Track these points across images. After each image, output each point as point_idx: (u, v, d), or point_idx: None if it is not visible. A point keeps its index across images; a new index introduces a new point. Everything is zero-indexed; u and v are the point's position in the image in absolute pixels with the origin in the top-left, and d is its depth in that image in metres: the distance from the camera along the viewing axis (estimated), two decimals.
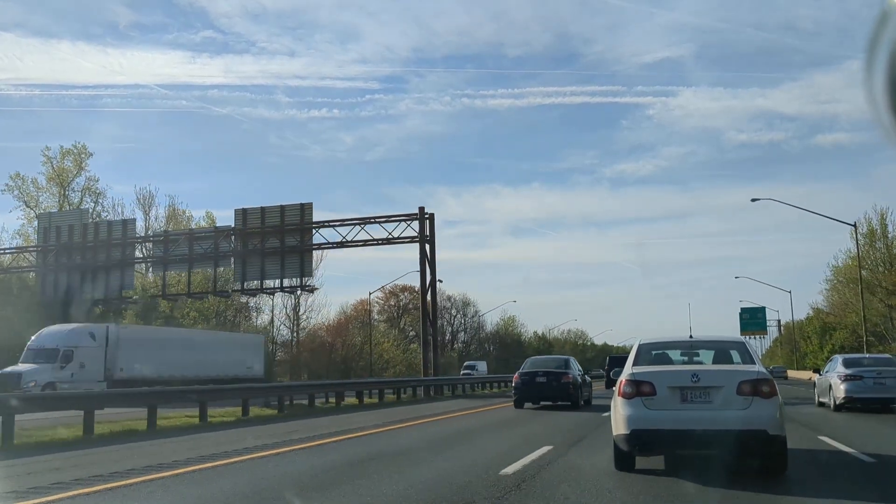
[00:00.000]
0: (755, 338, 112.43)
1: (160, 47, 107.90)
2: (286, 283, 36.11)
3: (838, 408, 19.72)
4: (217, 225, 40.27)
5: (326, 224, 34.99)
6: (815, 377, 23.96)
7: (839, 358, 21.92)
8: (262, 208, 35.62)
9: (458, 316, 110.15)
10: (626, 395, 8.60)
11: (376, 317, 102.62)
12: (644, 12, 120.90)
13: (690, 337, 10.27)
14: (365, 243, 35.10)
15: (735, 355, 9.75)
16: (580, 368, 25.24)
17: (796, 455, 9.67)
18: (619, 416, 8.63)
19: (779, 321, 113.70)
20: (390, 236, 34.13)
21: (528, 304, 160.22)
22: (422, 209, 33.69)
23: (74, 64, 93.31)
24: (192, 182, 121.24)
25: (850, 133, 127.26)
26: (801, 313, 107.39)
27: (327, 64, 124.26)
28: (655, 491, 7.72)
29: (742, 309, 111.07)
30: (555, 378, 22.76)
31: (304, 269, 34.85)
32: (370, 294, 68.21)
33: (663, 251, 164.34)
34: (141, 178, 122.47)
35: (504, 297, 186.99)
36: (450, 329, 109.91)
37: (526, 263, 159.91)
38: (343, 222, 34.98)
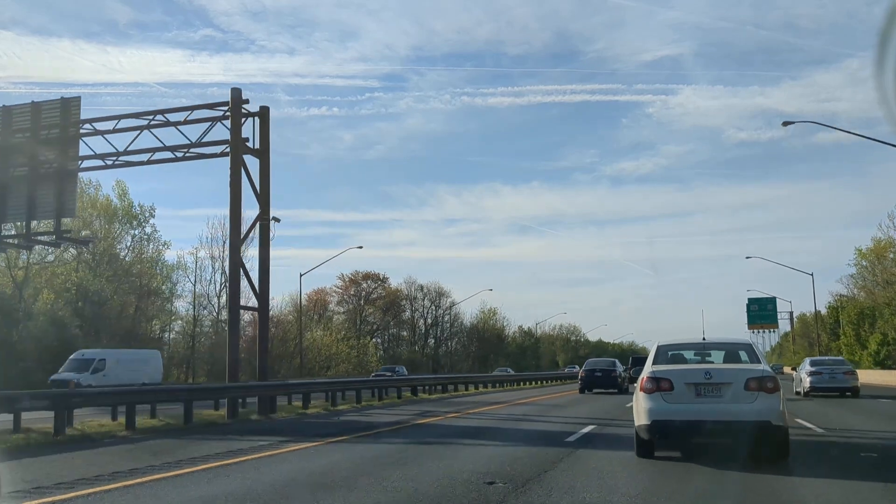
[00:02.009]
0: (764, 332, 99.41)
1: (160, 45, 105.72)
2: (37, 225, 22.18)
3: (806, 395, 26.75)
4: None
5: (91, 125, 20.79)
6: (794, 373, 30.81)
7: (808, 360, 30.36)
8: (5, 109, 21.63)
9: (431, 308, 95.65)
10: (647, 391, 9.49)
11: (335, 308, 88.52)
12: (644, 10, 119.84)
13: (703, 339, 10.98)
14: (152, 155, 20.89)
15: (743, 355, 10.49)
16: (622, 366, 35.18)
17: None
18: (641, 408, 9.53)
19: (791, 313, 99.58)
20: (192, 143, 19.93)
21: (526, 301, 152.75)
22: (237, 93, 19.30)
23: (74, 62, 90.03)
24: (191, 180, 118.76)
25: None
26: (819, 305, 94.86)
27: (327, 62, 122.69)
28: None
29: (749, 300, 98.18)
30: (607, 374, 32.59)
31: (65, 204, 20.71)
32: (301, 276, 53.68)
33: (664, 249, 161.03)
34: (140, 177, 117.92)
35: (505, 296, 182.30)
36: (423, 322, 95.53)
37: (526, 262, 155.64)
38: (117, 125, 20.76)
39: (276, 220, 18.66)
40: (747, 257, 66.08)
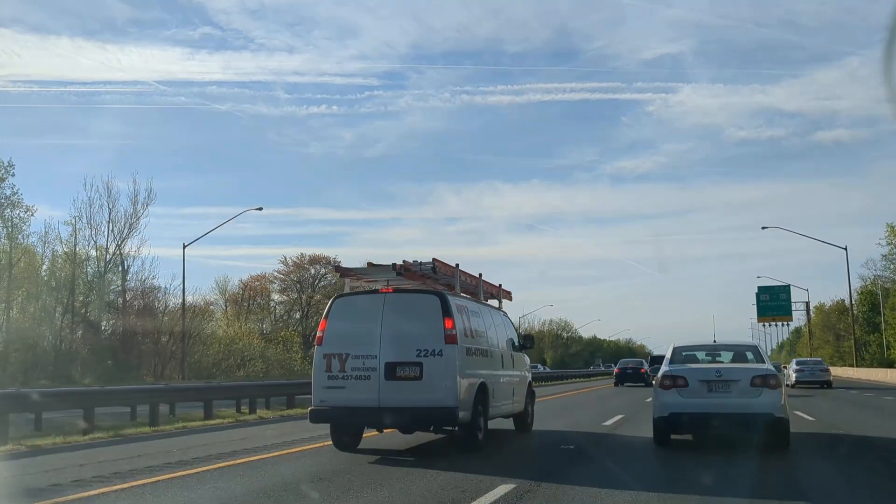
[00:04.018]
0: (777, 325, 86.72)
1: (159, 43, 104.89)
2: None
3: (792, 386, 33.17)
4: None
5: None
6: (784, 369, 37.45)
7: (794, 360, 40.98)
8: None
9: None
10: (664, 387, 10.73)
11: (276, 297, 75.44)
12: (644, 8, 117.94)
13: (714, 341, 12.64)
14: None
15: (749, 356, 11.86)
16: (647, 364, 43.09)
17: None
18: (659, 402, 10.81)
19: (807, 303, 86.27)
20: None
21: (524, 299, 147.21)
22: None
23: (73, 60, 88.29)
24: (191, 179, 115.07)
25: (850, 129, 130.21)
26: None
27: (326, 60, 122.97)
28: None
29: (760, 288, 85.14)
30: (636, 370, 41.64)
31: None
32: (185, 246, 40.61)
33: (664, 247, 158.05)
34: (139, 175, 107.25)
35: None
36: None
37: (526, 260, 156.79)
38: None
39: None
40: (763, 227, 53.30)
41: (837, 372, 57.70)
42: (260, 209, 41.87)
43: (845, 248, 47.85)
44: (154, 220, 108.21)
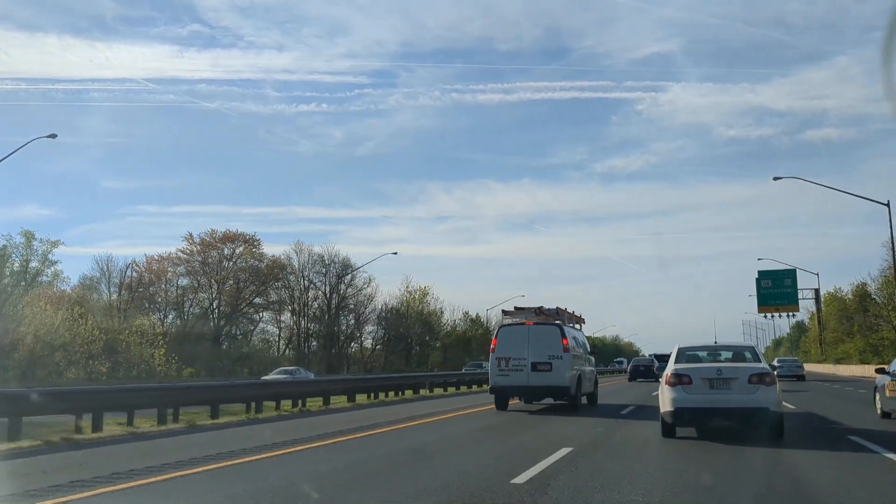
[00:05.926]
0: (780, 315, 74.59)
1: (147, 41, 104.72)
2: None
3: None
4: None
5: None
6: None
7: (777, 359, 48.08)
8: None
9: (339, 286, 69.32)
10: (671, 384, 11.97)
11: (183, 282, 62.54)
12: (635, 7, 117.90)
13: (715, 342, 14.42)
14: None
15: (747, 355, 13.18)
16: (657, 361, 46.75)
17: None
18: (666, 398, 12.08)
19: (816, 290, 73.91)
20: None
21: (517, 298, 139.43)
22: None
23: (61, 57, 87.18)
24: (182, 177, 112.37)
25: (839, 129, 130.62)
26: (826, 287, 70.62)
27: (316, 58, 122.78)
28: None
29: (760, 273, 73.28)
30: (647, 367, 47.07)
31: None
32: None
33: (656, 245, 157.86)
34: (129, 173, 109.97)
35: (495, 293, 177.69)
36: (327, 305, 69.34)
37: (518, 259, 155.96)
38: None
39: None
40: (775, 178, 41.31)
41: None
42: (54, 136, 29.47)
43: (887, 204, 35.68)
44: (143, 218, 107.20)
